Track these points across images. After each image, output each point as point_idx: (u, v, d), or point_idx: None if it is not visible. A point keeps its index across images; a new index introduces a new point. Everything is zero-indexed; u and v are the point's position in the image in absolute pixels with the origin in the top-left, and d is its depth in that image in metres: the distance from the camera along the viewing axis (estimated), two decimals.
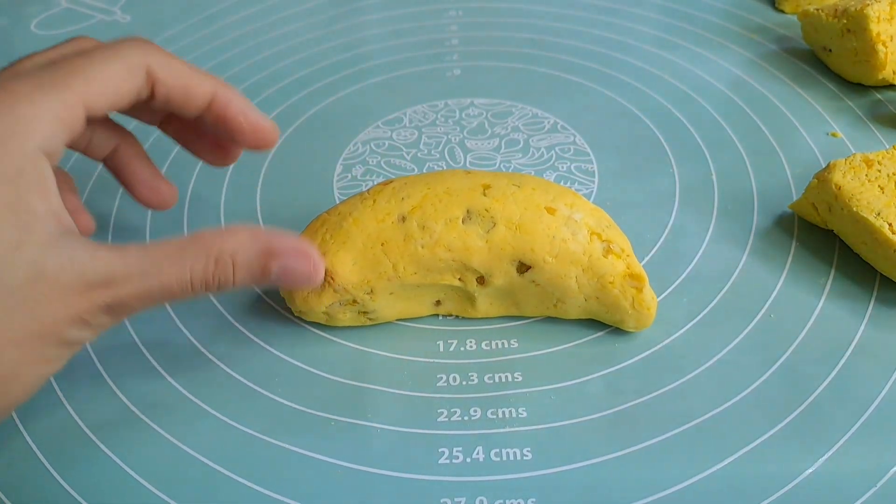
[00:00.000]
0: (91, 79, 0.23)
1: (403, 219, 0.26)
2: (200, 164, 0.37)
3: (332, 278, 0.26)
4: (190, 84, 0.26)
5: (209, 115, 0.26)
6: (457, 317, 0.29)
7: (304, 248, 0.24)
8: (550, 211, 0.26)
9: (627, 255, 0.27)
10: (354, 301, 0.27)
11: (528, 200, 0.26)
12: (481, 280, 0.27)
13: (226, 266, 0.23)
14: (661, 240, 0.32)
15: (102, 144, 0.28)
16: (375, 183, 0.31)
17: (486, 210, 0.26)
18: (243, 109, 0.26)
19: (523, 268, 0.26)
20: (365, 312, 0.28)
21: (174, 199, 0.29)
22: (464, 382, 0.27)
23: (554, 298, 0.27)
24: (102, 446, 0.25)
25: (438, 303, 0.28)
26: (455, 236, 0.26)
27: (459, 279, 0.27)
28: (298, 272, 0.24)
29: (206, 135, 0.29)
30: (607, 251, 0.26)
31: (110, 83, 0.23)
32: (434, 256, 0.26)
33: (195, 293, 0.23)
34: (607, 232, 0.27)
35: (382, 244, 0.26)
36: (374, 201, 0.27)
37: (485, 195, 0.27)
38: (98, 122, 0.27)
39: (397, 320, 0.29)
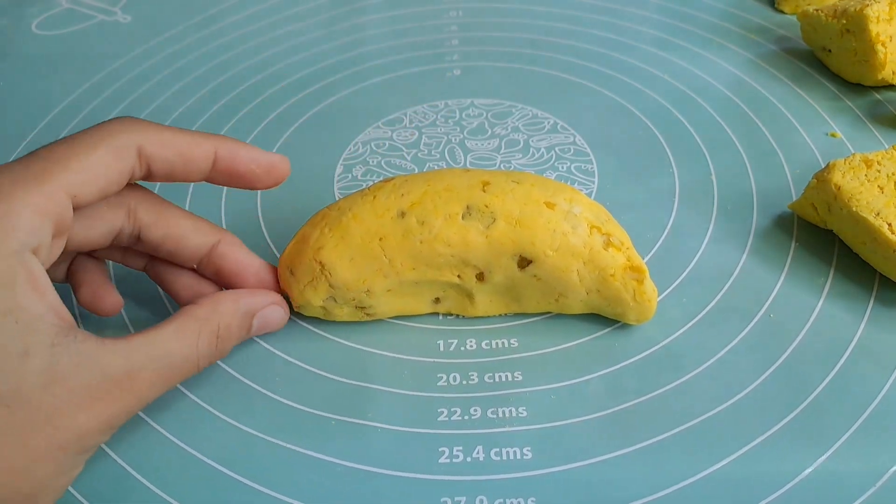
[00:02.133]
0: (74, 166, 0.22)
1: (403, 214, 0.26)
2: None
3: (329, 273, 0.26)
4: (187, 151, 0.24)
5: (217, 174, 0.25)
6: (457, 316, 0.29)
7: (274, 298, 0.27)
8: (550, 205, 0.26)
9: (627, 248, 0.27)
10: (352, 296, 0.27)
11: (527, 196, 0.27)
12: (480, 276, 0.27)
13: (225, 338, 0.25)
14: (661, 240, 0.32)
15: (105, 232, 0.25)
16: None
17: (486, 206, 0.26)
18: (251, 157, 0.25)
19: (524, 262, 0.26)
20: (362, 308, 0.28)
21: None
22: (464, 382, 0.27)
23: (556, 293, 0.27)
24: (103, 445, 0.25)
25: (437, 300, 0.28)
26: (454, 232, 0.26)
27: (458, 276, 0.27)
28: (273, 321, 0.27)
29: (184, 273, 0.28)
30: (607, 244, 0.27)
31: (96, 168, 0.22)
32: (433, 252, 0.26)
33: (199, 367, 0.24)
34: (606, 225, 0.27)
35: (381, 239, 0.26)
36: (374, 197, 0.27)
37: (484, 191, 0.27)
38: (98, 211, 0.25)
39: (396, 318, 0.29)
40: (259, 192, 0.35)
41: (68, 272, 0.27)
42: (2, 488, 0.20)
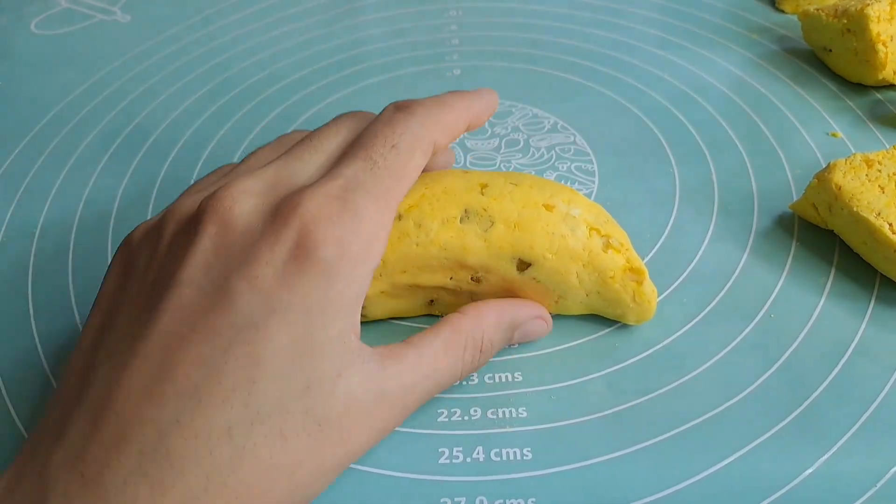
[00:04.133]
0: (405, 178, 0.24)
1: (399, 217, 0.26)
2: (202, 163, 0.37)
3: None
4: (457, 131, 0.27)
5: (469, 130, 0.28)
6: None
7: (539, 311, 0.27)
8: (549, 208, 0.26)
9: (627, 250, 0.27)
10: None
11: (525, 198, 0.26)
12: (476, 279, 0.27)
13: (487, 352, 0.25)
14: (661, 240, 0.32)
15: None
16: None
17: (485, 209, 0.26)
18: (486, 106, 0.28)
19: (523, 265, 0.26)
20: None
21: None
22: (464, 382, 0.27)
23: (555, 295, 0.27)
24: None
25: (432, 302, 0.28)
26: (452, 235, 0.26)
27: (451, 278, 0.27)
28: (535, 334, 0.27)
29: None
30: (606, 246, 0.26)
31: (414, 175, 0.24)
32: (428, 255, 0.26)
33: (461, 380, 0.25)
34: (606, 227, 0.27)
35: None
36: None
37: (482, 194, 0.27)
38: None
39: (391, 319, 0.29)
40: None
41: None
42: (293, 499, 0.20)
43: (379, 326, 0.29)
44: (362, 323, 0.29)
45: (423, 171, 0.26)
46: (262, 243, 0.21)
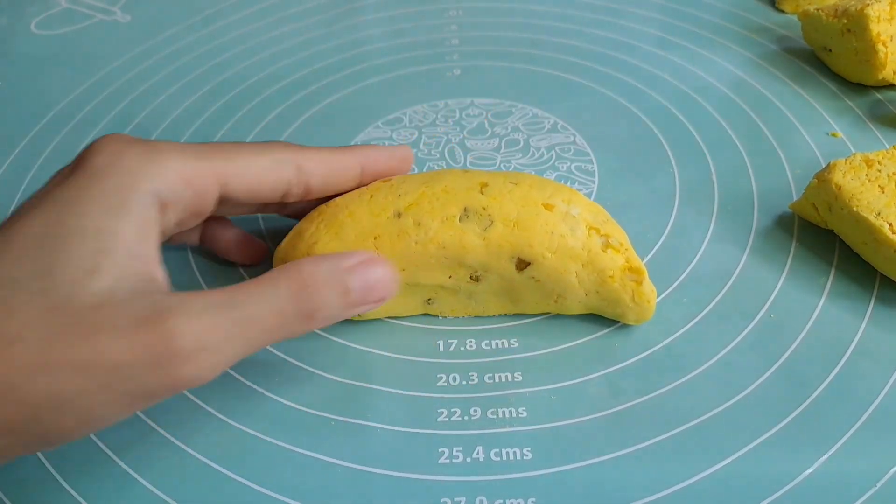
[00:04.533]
0: (234, 161, 0.24)
1: (399, 215, 0.26)
2: None
3: None
4: (339, 167, 0.27)
5: (365, 179, 0.28)
6: (456, 317, 0.29)
7: (372, 255, 0.24)
8: (548, 207, 0.26)
9: (626, 249, 0.27)
10: None
11: (525, 197, 0.26)
12: (475, 278, 0.27)
13: (310, 286, 0.22)
14: (661, 239, 0.32)
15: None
16: None
17: (484, 208, 0.26)
18: (388, 156, 0.28)
19: (522, 264, 0.26)
20: None
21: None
22: (464, 382, 0.27)
23: (554, 294, 0.27)
24: (103, 446, 0.25)
25: (430, 301, 0.28)
26: (451, 234, 0.26)
27: (450, 277, 0.27)
28: (377, 279, 0.24)
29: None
30: (606, 245, 0.26)
31: (253, 169, 0.25)
32: (426, 253, 0.26)
33: (291, 321, 0.22)
34: (605, 226, 0.27)
35: (375, 238, 0.26)
36: (371, 196, 0.27)
37: (482, 193, 0.27)
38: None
39: (394, 318, 0.29)
40: None
41: (201, 237, 0.30)
42: (11, 387, 0.19)
43: (375, 326, 0.29)
44: (361, 322, 0.29)
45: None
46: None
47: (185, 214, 0.24)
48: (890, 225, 0.28)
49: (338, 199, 0.28)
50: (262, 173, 0.25)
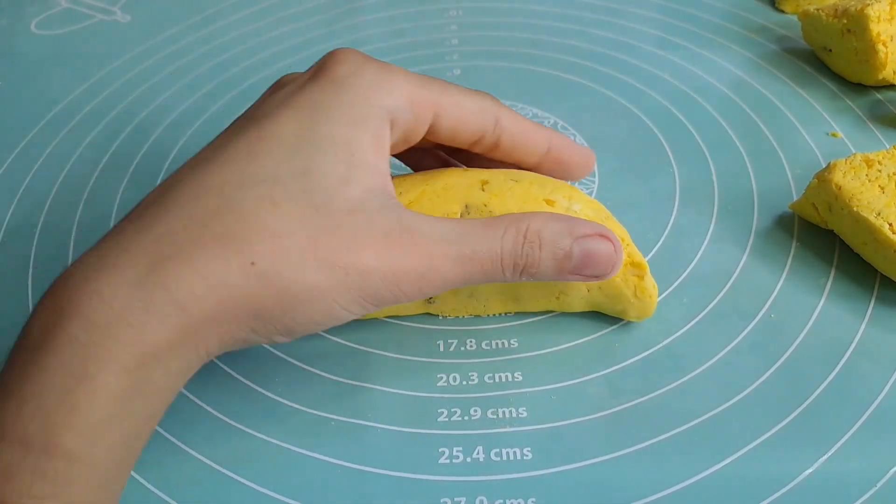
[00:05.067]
0: (448, 93, 0.25)
1: None
2: None
3: None
4: (532, 136, 0.27)
5: (546, 161, 0.28)
6: (456, 316, 0.29)
7: (604, 231, 0.25)
8: (549, 203, 0.26)
9: (627, 245, 0.27)
10: None
11: (526, 194, 0.26)
12: None
13: (533, 242, 0.23)
14: (661, 240, 0.32)
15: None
16: None
17: (485, 205, 0.26)
18: (575, 151, 0.28)
19: None
20: None
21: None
22: (464, 382, 0.27)
23: (556, 291, 0.27)
24: None
25: (430, 300, 0.28)
26: None
27: None
28: (599, 255, 0.24)
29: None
30: None
31: (462, 106, 0.25)
32: None
33: (503, 269, 0.23)
34: (606, 223, 0.27)
35: None
36: None
37: (483, 190, 0.27)
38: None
39: (394, 317, 0.29)
40: None
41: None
42: (275, 276, 0.20)
43: (375, 325, 0.29)
44: (361, 322, 0.29)
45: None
46: (302, 75, 0.24)
47: (402, 136, 0.25)
48: (890, 225, 0.28)
49: None
50: (468, 114, 0.25)
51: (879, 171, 0.30)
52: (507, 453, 0.25)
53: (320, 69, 0.24)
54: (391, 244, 0.21)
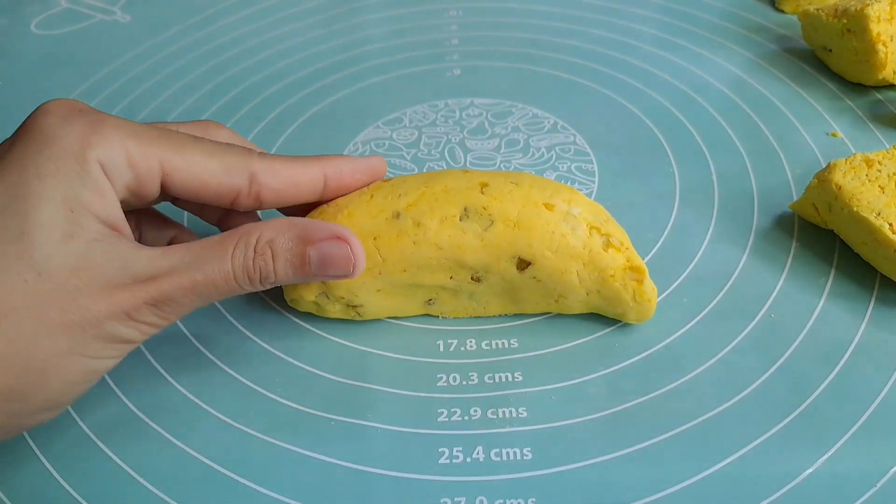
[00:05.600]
0: (184, 155, 0.23)
1: (398, 215, 0.26)
2: None
3: None
4: (299, 178, 0.26)
5: (328, 193, 0.27)
6: (457, 318, 0.29)
7: (342, 232, 0.24)
8: (549, 207, 0.26)
9: (627, 248, 0.27)
10: (340, 294, 0.27)
11: (525, 197, 0.26)
12: (477, 278, 0.27)
13: (264, 253, 0.23)
14: (661, 240, 0.32)
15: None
16: None
17: (484, 208, 0.26)
18: (354, 169, 0.27)
19: (523, 264, 0.26)
20: (353, 307, 0.28)
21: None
22: (464, 382, 0.27)
23: (555, 294, 0.27)
24: (103, 446, 0.25)
25: (430, 302, 0.28)
26: (451, 234, 0.26)
27: (451, 277, 0.27)
28: (337, 258, 0.24)
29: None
30: (607, 245, 0.27)
31: (199, 167, 0.24)
32: (426, 253, 0.26)
33: (239, 284, 0.23)
34: (606, 226, 0.27)
35: (375, 238, 0.26)
36: (371, 196, 0.27)
37: (482, 193, 0.27)
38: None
39: (389, 318, 0.29)
40: None
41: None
42: (14, 355, 0.20)
43: (375, 325, 0.29)
44: (361, 322, 0.29)
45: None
46: None
47: (127, 194, 0.23)
48: (890, 225, 0.28)
49: (338, 199, 0.28)
50: (208, 175, 0.24)
51: (879, 171, 0.30)
52: (507, 453, 0.25)
53: (26, 125, 0.23)
54: (120, 291, 0.21)
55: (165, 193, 0.24)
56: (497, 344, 0.28)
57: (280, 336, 0.29)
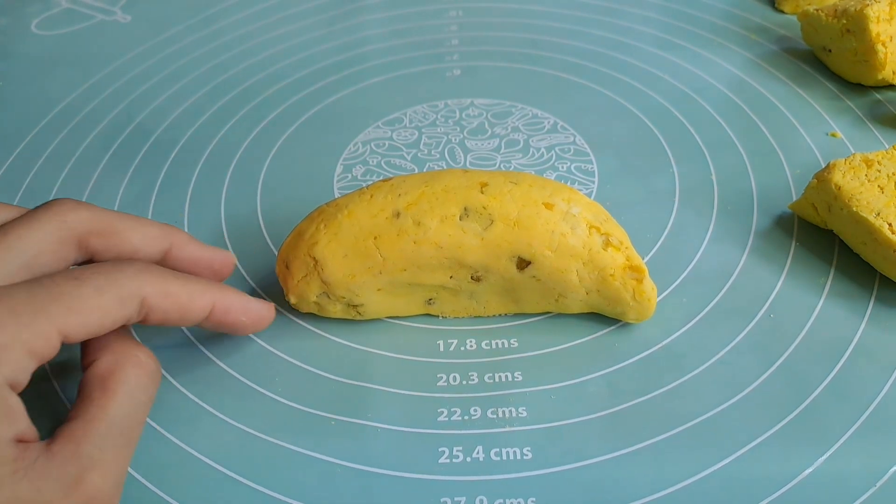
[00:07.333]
0: (76, 309, 0.22)
1: (398, 214, 0.26)
2: (201, 164, 0.37)
3: (322, 269, 0.26)
4: (187, 304, 0.24)
5: (207, 323, 0.25)
6: (457, 317, 0.29)
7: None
8: (548, 206, 0.26)
9: (626, 248, 0.27)
10: (341, 294, 0.27)
11: (525, 197, 0.27)
12: (476, 278, 0.27)
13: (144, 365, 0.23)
14: (661, 240, 0.32)
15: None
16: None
17: (484, 207, 0.26)
18: (243, 308, 0.26)
19: (523, 263, 0.26)
20: (354, 306, 0.28)
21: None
22: (464, 382, 0.27)
23: (555, 293, 0.27)
24: None
25: (430, 301, 0.28)
26: (451, 233, 0.26)
27: (451, 277, 0.27)
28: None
29: None
30: (606, 244, 0.27)
31: (97, 313, 0.22)
32: (426, 253, 0.26)
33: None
34: (605, 225, 0.27)
35: (375, 238, 0.26)
36: (371, 196, 0.27)
37: (482, 192, 0.27)
38: None
39: (390, 318, 0.29)
40: (259, 193, 0.35)
41: None
42: None
43: (375, 326, 0.29)
44: (361, 322, 0.29)
45: None
46: None
47: (31, 372, 0.22)
48: (889, 225, 0.28)
49: (338, 199, 0.28)
50: (104, 318, 0.22)
51: (879, 171, 0.30)
52: (507, 453, 0.25)
53: None
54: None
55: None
56: (497, 344, 0.28)
57: (280, 336, 0.29)
